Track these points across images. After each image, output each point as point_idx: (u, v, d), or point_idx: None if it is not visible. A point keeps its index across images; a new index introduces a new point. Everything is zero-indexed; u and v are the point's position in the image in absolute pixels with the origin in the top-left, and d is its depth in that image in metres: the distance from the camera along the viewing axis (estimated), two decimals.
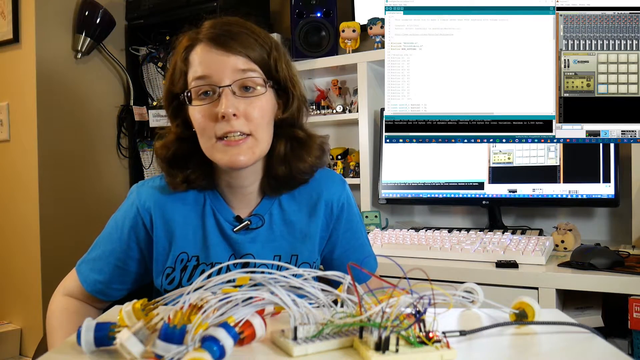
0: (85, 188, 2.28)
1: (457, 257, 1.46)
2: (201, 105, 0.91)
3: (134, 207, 1.00)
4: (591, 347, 0.57)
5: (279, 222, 1.02)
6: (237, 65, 0.90)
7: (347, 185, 1.09)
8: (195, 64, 0.92)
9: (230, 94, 0.89)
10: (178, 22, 1.04)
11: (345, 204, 1.06)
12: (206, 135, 0.91)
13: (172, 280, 0.98)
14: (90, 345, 0.55)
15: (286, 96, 0.98)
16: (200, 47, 0.92)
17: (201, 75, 0.90)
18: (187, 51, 0.94)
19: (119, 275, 1.02)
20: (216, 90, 0.90)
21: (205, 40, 0.92)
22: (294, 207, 1.03)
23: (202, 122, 0.91)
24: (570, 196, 1.66)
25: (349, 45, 2.04)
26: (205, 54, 0.91)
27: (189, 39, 0.95)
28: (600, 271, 1.27)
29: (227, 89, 0.89)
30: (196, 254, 0.99)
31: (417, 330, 0.53)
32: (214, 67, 0.90)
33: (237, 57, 0.91)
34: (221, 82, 0.90)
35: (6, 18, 2.18)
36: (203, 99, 0.91)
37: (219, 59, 0.90)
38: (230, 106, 0.88)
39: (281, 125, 0.99)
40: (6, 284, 2.24)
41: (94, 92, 2.37)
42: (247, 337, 0.56)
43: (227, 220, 1.00)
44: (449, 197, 1.82)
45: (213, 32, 0.92)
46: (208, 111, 0.90)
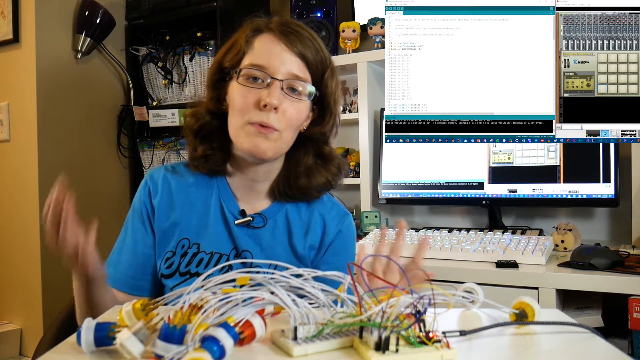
0: (85, 188, 2.28)
1: (457, 257, 1.46)
2: (247, 87, 0.92)
3: (144, 182, 1.03)
4: (591, 347, 0.57)
5: (282, 232, 1.02)
6: (294, 68, 0.93)
7: (351, 220, 1.09)
8: (256, 49, 0.94)
9: (279, 88, 0.92)
10: (178, 22, 1.05)
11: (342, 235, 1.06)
12: (240, 116, 0.93)
13: (170, 265, 0.98)
14: (90, 345, 0.55)
15: (323, 111, 1.01)
16: (268, 36, 0.95)
17: (259, 64, 0.93)
18: (253, 34, 0.96)
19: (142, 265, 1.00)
20: (266, 80, 0.92)
21: (275, 31, 0.95)
22: (297, 222, 1.04)
23: (242, 103, 0.92)
24: (570, 196, 1.66)
25: (349, 45, 2.04)
26: (270, 44, 0.94)
27: (258, 25, 0.97)
28: (600, 271, 1.27)
29: (277, 82, 0.92)
30: (197, 241, 0.99)
31: (417, 330, 0.53)
32: (274, 59, 0.92)
33: (297, 60, 0.94)
34: (275, 74, 0.92)
35: (6, 18, 2.18)
36: (251, 82, 0.93)
37: (280, 53, 0.93)
38: (276, 98, 0.91)
39: (311, 139, 1.01)
40: (6, 284, 2.25)
41: (94, 92, 2.37)
42: (247, 337, 0.56)
43: (232, 212, 1.01)
44: (449, 197, 1.82)
45: (284, 26, 0.95)
46: (252, 94, 0.92)
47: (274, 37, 0.94)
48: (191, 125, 1.00)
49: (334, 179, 1.04)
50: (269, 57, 0.93)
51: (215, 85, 0.99)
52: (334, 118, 1.02)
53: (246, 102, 0.92)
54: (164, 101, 2.41)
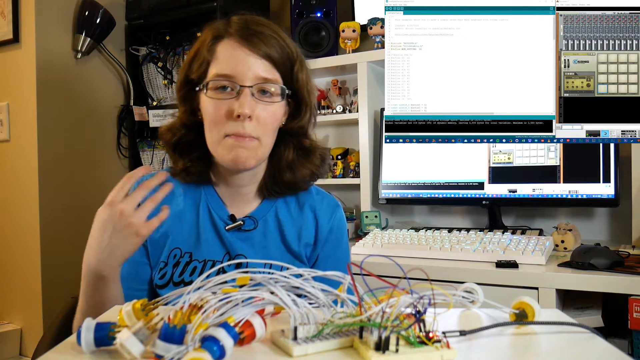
0: (85, 188, 2.28)
1: (457, 257, 1.46)
2: (217, 99, 0.91)
3: None
4: (591, 347, 0.57)
5: (273, 231, 1.03)
6: (261, 70, 0.91)
7: (341, 211, 1.10)
8: (220, 58, 0.92)
9: (249, 95, 0.90)
10: (178, 22, 1.05)
11: (335, 228, 1.06)
12: (215, 130, 0.92)
13: (163, 275, 0.98)
14: (90, 345, 0.55)
15: (299, 105, 0.99)
16: (229, 42, 0.92)
17: (225, 73, 0.90)
18: (214, 41, 0.93)
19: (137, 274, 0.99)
20: (235, 88, 0.90)
21: (236, 36, 0.92)
22: (288, 219, 1.04)
23: (215, 116, 0.91)
24: (570, 196, 1.66)
25: (349, 45, 2.04)
26: (233, 51, 0.91)
27: (218, 30, 0.94)
28: (600, 271, 1.27)
29: (247, 89, 0.90)
30: (189, 250, 0.99)
31: (417, 330, 0.53)
32: (240, 66, 0.90)
33: (263, 62, 0.91)
34: (243, 82, 0.90)
35: (6, 18, 2.18)
36: (220, 93, 0.91)
37: (245, 59, 0.91)
38: (248, 107, 0.89)
39: (290, 133, 1.00)
40: (6, 284, 2.24)
41: (94, 92, 2.37)
42: (247, 337, 0.56)
43: (222, 218, 1.00)
44: (449, 197, 1.82)
45: (244, 29, 0.92)
46: (223, 106, 0.90)
47: (236, 43, 0.92)
48: (168, 140, 0.99)
49: (319, 170, 1.04)
50: (234, 65, 0.90)
51: (185, 99, 0.98)
52: (311, 109, 1.00)
53: (218, 114, 0.90)
54: (164, 101, 2.41)
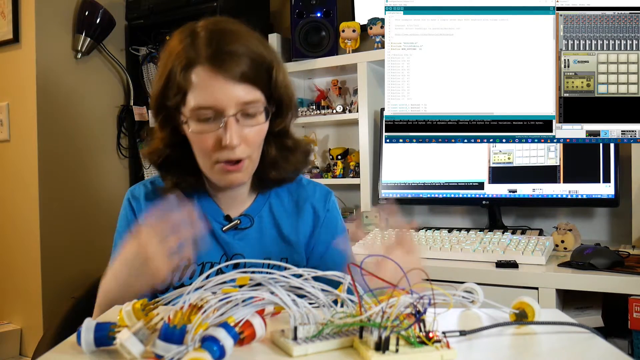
0: (85, 188, 2.28)
1: (457, 257, 1.46)
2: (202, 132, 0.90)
3: (126, 201, 1.03)
4: (591, 347, 0.57)
5: (268, 226, 1.03)
6: (242, 94, 0.89)
7: (334, 197, 1.10)
8: (197, 89, 0.89)
9: (235, 123, 0.89)
10: (178, 22, 1.04)
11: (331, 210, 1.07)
12: (206, 157, 0.92)
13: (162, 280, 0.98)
14: (90, 345, 0.55)
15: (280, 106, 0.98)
16: (203, 70, 0.88)
17: (206, 105, 0.88)
18: (187, 69, 0.90)
19: None
20: (219, 119, 0.89)
21: (208, 63, 0.88)
22: (282, 213, 1.05)
23: (203, 147, 0.91)
24: (570, 196, 1.66)
25: (349, 45, 2.04)
26: (209, 80, 0.88)
27: (188, 57, 0.90)
28: (600, 271, 1.27)
29: (231, 118, 0.88)
30: None
31: (417, 330, 0.53)
32: (219, 95, 0.88)
33: (241, 85, 0.89)
34: (226, 111, 0.88)
35: (6, 18, 2.18)
36: (205, 124, 0.90)
37: (223, 87, 0.88)
38: (236, 138, 0.88)
39: (273, 134, 1.00)
40: (6, 284, 2.24)
41: (94, 92, 2.37)
42: (247, 337, 0.56)
43: (217, 219, 1.01)
44: (448, 197, 1.82)
45: (215, 52, 0.88)
46: (209, 136, 0.90)
47: (210, 71, 0.88)
48: (155, 161, 0.99)
49: (302, 165, 1.05)
50: (212, 95, 0.88)
51: (165, 123, 0.97)
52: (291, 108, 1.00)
53: (206, 145, 0.90)
54: None
